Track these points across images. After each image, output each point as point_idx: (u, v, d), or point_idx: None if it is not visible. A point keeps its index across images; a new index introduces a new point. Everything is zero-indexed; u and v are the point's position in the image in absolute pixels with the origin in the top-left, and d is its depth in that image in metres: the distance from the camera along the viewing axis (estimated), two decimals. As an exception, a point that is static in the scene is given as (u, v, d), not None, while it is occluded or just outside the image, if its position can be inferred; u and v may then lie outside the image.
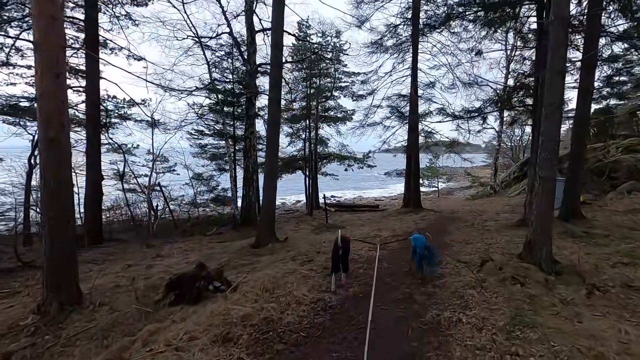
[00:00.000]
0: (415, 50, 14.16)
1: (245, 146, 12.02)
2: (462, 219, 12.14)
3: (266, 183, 8.04)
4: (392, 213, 15.72)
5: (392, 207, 21.56)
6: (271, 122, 7.87)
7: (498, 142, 22.12)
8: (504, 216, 11.76)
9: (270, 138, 7.89)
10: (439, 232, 9.42)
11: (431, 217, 13.16)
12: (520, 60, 17.21)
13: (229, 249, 8.68)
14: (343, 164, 22.05)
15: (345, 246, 5.09)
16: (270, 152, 7.93)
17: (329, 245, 7.88)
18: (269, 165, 7.97)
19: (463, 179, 42.57)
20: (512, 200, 18.05)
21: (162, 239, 10.90)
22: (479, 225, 10.36)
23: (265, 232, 8.24)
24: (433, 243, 5.83)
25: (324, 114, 20.80)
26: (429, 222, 11.80)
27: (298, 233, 10.58)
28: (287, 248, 8.02)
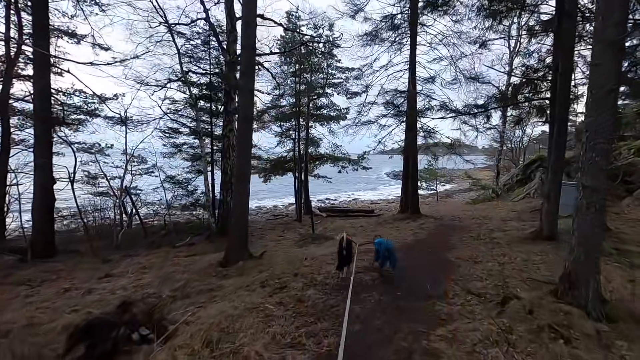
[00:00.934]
0: (413, 38, 12.90)
1: (223, 146, 10.70)
2: (466, 227, 10.86)
3: (236, 187, 6.73)
4: (388, 219, 14.42)
5: (388, 211, 20.29)
6: (242, 115, 6.56)
7: (501, 143, 20.92)
8: (512, 225, 10.49)
9: (242, 135, 6.58)
10: (440, 245, 8.13)
11: (430, 224, 11.88)
12: (526, 54, 16.05)
13: (194, 266, 7.35)
14: (337, 165, 20.76)
15: (349, 249, 5.57)
16: (241, 151, 6.61)
17: (312, 264, 6.58)
18: (240, 166, 6.67)
19: (461, 181, 41.48)
20: (517, 206, 16.82)
21: (124, 251, 9.56)
22: (486, 236, 9.09)
23: (236, 247, 6.93)
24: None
25: (316, 112, 19.50)
26: (429, 231, 10.51)
27: (280, 245, 9.27)
28: (261, 267, 6.70)
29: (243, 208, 6.79)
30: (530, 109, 14.15)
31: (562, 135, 7.50)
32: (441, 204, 23.36)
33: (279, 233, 12.35)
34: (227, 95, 10.79)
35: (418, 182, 14.76)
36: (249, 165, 6.80)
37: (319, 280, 5.60)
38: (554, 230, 7.64)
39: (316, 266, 6.54)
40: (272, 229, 13.64)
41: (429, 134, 13.43)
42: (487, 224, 11.56)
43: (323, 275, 5.88)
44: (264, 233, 12.62)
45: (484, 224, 11.53)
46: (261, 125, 17.60)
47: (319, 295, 4.86)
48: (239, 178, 6.66)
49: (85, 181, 13.39)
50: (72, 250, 9.72)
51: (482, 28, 12.81)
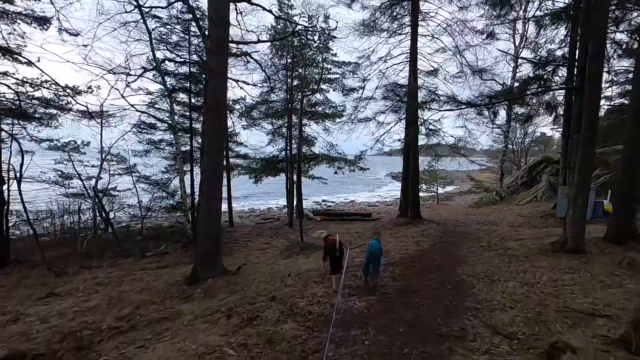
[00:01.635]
0: (414, 27, 11.84)
1: (202, 142, 9.56)
2: (473, 235, 9.75)
3: (205, 189, 5.59)
4: (387, 224, 13.31)
5: (386, 215, 19.18)
6: (211, 103, 5.42)
7: (505, 144, 19.85)
8: (525, 233, 9.38)
9: (212, 127, 5.42)
10: (448, 258, 7.01)
11: (433, 231, 10.76)
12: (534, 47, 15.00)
13: (157, 282, 6.19)
14: (332, 166, 19.60)
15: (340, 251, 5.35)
16: (210, 147, 5.46)
17: (295, 282, 5.46)
18: (210, 165, 5.52)
19: (461, 183, 40.46)
20: (523, 210, 15.75)
21: (89, 261, 8.38)
22: (498, 246, 7.98)
23: (205, 261, 5.77)
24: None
25: (310, 110, 18.34)
26: (432, 239, 9.40)
27: (264, 255, 8.13)
28: (234, 286, 5.56)
29: (213, 214, 5.64)
30: (539, 105, 13.10)
31: (591, 129, 6.39)
32: (442, 207, 22.28)
33: (267, 240, 11.19)
34: (206, 86, 9.64)
35: (419, 183, 13.64)
36: (220, 164, 5.64)
37: (300, 306, 4.47)
38: (582, 241, 6.53)
39: (300, 285, 5.41)
40: (260, 235, 12.49)
41: (431, 132, 12.32)
42: (495, 230, 10.47)
43: (307, 300, 4.75)
44: (250, 240, 11.47)
45: (492, 230, 10.44)
46: (251, 123, 16.45)
47: (298, 332, 3.73)
48: (209, 178, 5.52)
49: (53, 181, 12.17)
50: (27, 261, 8.54)
51: (490, 16, 11.80)
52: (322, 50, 17.22)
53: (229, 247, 9.38)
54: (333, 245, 5.30)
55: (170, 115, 9.74)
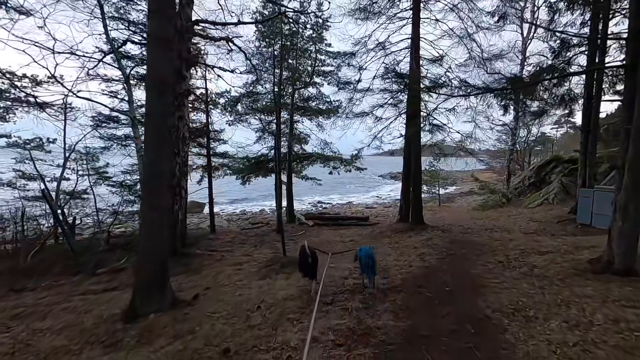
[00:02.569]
0: (417, 7, 10.49)
1: (170, 138, 8.17)
2: (486, 245, 8.38)
3: (145, 194, 4.16)
4: (385, 231, 11.92)
5: (385, 218, 17.81)
6: (152, 80, 4.02)
7: (512, 141, 18.50)
8: (547, 244, 8.01)
9: (153, 112, 4.00)
10: (462, 281, 5.63)
11: (439, 240, 9.39)
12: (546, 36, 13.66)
13: (88, 317, 4.77)
14: (327, 165, 18.23)
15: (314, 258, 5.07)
16: (150, 140, 4.04)
17: (265, 319, 4.08)
18: (151, 164, 4.08)
19: (462, 184, 39.14)
20: (535, 213, 14.40)
21: (23, 280, 6.95)
22: (520, 261, 6.62)
23: (147, 292, 4.35)
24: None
25: (303, 105, 16.95)
26: (439, 251, 8.02)
27: (237, 274, 6.70)
28: (181, 325, 4.17)
29: (156, 230, 4.21)
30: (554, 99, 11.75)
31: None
32: (444, 209, 20.91)
33: (248, 250, 9.77)
34: (176, 73, 8.26)
35: (422, 184, 12.27)
36: (166, 161, 4.22)
37: (262, 366, 3.08)
38: (634, 260, 5.15)
39: (269, 325, 4.03)
40: (243, 244, 11.07)
41: (435, 128, 10.92)
42: (510, 239, 9.12)
43: (274, 354, 3.36)
44: (230, 249, 10.05)
45: (506, 240, 9.08)
46: (237, 118, 15.03)
47: None
48: (148, 182, 4.11)
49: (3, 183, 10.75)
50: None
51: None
52: (316, 40, 15.84)
53: (200, 261, 7.96)
54: (303, 250, 5.11)
55: (129, 105, 8.33)
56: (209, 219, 13.20)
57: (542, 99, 11.92)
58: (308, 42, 15.93)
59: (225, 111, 12.87)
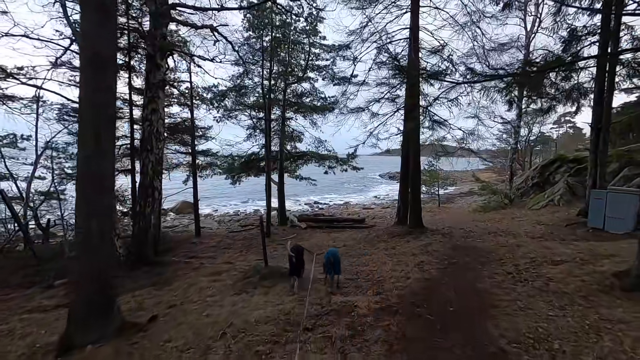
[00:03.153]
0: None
1: (142, 133, 7.36)
2: (492, 253, 7.60)
3: (79, 201, 3.35)
4: (382, 234, 11.13)
5: (382, 220, 17.03)
6: (85, 56, 3.21)
7: (515, 140, 17.73)
8: (562, 252, 7.20)
9: (89, 95, 3.19)
10: (468, 298, 4.84)
11: (439, 245, 8.61)
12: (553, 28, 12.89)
13: (21, 345, 3.97)
14: (322, 165, 17.45)
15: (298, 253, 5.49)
16: (87, 131, 3.22)
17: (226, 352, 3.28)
18: (83, 160, 3.27)
19: (461, 184, 38.37)
20: (541, 216, 13.63)
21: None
22: (532, 272, 5.83)
23: (86, 317, 3.55)
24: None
25: (296, 101, 16.14)
26: (439, 259, 7.24)
27: (210, 287, 5.90)
28: (128, 358, 3.36)
29: (96, 241, 3.38)
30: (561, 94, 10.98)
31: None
32: (443, 210, 20.15)
33: (231, 257, 8.98)
34: (149, 61, 7.46)
35: (421, 185, 11.48)
36: (106, 158, 3.38)
37: None
38: (671, 277, 4.37)
39: None
40: (227, 249, 10.27)
41: (435, 124, 10.10)
42: (517, 245, 8.35)
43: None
44: (213, 256, 9.26)
45: (514, 246, 8.31)
46: (226, 114, 14.21)
47: None
48: (85, 181, 3.31)
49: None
50: None
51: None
52: (310, 32, 15.03)
53: (174, 271, 7.16)
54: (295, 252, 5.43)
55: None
56: (194, 221, 12.34)
57: (548, 94, 11.18)
58: (301, 34, 15.13)
59: (211, 106, 12.05)
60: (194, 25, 9.01)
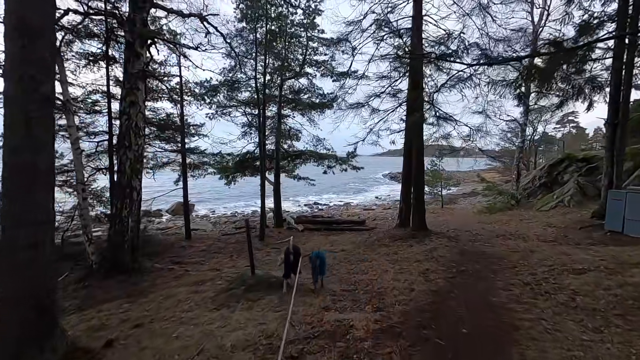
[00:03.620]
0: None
1: (120, 128, 6.72)
2: (504, 259, 6.92)
3: (6, 201, 2.71)
4: (383, 237, 10.45)
5: (383, 222, 16.37)
6: (10, 24, 2.61)
7: (522, 138, 17.01)
8: (582, 259, 6.52)
9: (14, 68, 2.56)
10: (483, 316, 4.15)
11: (445, 251, 7.93)
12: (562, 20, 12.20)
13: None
14: (322, 164, 16.78)
15: (296, 254, 5.31)
16: (14, 116, 2.57)
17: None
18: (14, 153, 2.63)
19: (464, 184, 37.62)
20: (550, 217, 12.93)
21: None
22: (552, 283, 5.15)
23: (16, 349, 2.89)
24: None
25: (293, 98, 15.48)
26: (446, 266, 6.57)
27: (189, 299, 5.23)
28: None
29: (28, 254, 2.74)
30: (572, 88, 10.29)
31: None
32: (447, 212, 19.44)
33: (221, 262, 8.32)
34: (128, 49, 6.82)
35: (424, 185, 10.80)
36: (41, 149, 2.72)
37: None
38: None
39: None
40: (217, 253, 9.63)
41: (441, 120, 9.39)
42: (530, 250, 7.67)
43: None
44: (200, 261, 8.61)
45: (525, 250, 7.66)
46: (220, 111, 13.56)
47: None
48: (13, 178, 2.66)
49: None
50: None
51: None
52: (307, 26, 14.37)
53: (154, 279, 6.50)
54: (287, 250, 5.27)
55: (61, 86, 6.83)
56: (184, 224, 11.67)
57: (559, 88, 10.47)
58: (299, 28, 14.47)
59: (203, 102, 11.40)
60: (181, 13, 8.36)
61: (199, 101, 11.47)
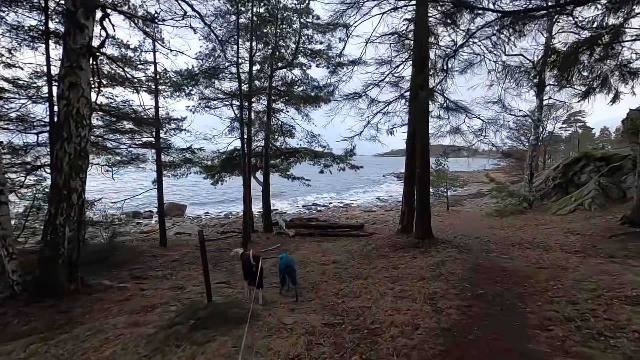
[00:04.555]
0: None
1: (58, 116, 5.46)
2: (529, 278, 5.61)
3: None
4: (383, 246, 9.14)
5: (385, 226, 15.04)
6: None
7: (535, 135, 15.61)
8: (627, 280, 5.18)
9: None
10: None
11: (455, 265, 6.61)
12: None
13: None
14: (318, 163, 15.51)
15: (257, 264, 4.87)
16: None
17: None
18: None
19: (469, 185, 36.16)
20: (570, 223, 11.55)
21: None
22: (606, 321, 3.85)
23: None
24: None
25: (285, 90, 14.19)
26: (459, 288, 5.27)
27: (116, 342, 3.94)
28: None
29: None
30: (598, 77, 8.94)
31: None
32: (453, 215, 18.08)
33: (190, 275, 7.06)
34: (69, 20, 5.58)
35: (430, 186, 9.49)
36: None
37: None
38: None
39: None
40: (191, 263, 8.37)
41: (451, 109, 8.03)
42: (557, 264, 6.38)
43: None
44: (167, 274, 7.36)
45: (552, 265, 6.35)
46: (204, 104, 12.29)
47: None
48: None
49: None
50: None
51: None
52: (301, 11, 13.07)
53: (92, 302, 5.21)
54: (247, 259, 4.96)
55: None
56: (159, 230, 10.38)
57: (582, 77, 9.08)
58: (292, 14, 13.18)
59: (181, 92, 10.13)
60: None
61: (178, 91, 10.20)
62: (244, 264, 5.04)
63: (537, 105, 14.91)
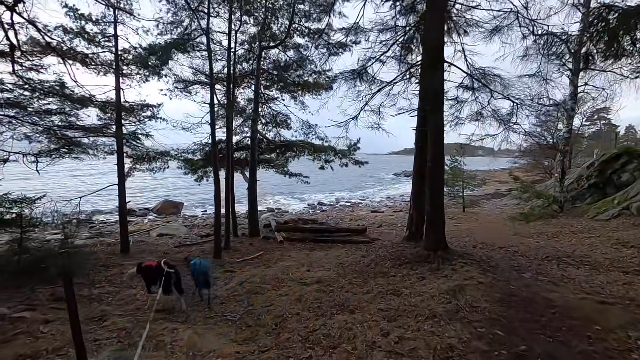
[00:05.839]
0: None
1: None
2: (591, 320, 3.77)
3: None
4: (384, 258, 7.33)
5: (391, 230, 13.28)
6: None
7: (568, 127, 13.48)
8: None
9: None
10: None
11: (478, 293, 4.80)
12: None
13: None
14: (318, 158, 13.78)
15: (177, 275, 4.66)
16: None
17: None
18: None
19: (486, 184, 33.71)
20: (616, 231, 9.46)
21: None
22: None
23: None
24: None
25: (278, 75, 12.45)
26: (488, 337, 3.49)
27: None
28: None
29: None
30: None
31: None
32: (469, 217, 16.08)
33: (127, 297, 5.50)
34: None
35: (444, 186, 7.65)
36: None
37: None
38: None
39: None
40: (142, 278, 6.80)
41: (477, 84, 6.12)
42: (623, 295, 4.51)
43: None
44: (105, 294, 5.81)
45: (614, 297, 4.48)
46: (182, 87, 10.69)
47: None
48: None
49: None
50: None
51: None
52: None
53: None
54: (158, 267, 4.65)
55: None
56: (120, 233, 8.82)
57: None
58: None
59: (142, 68, 8.54)
60: None
61: (145, 68, 8.62)
62: (145, 275, 4.76)
63: (571, 92, 12.77)
